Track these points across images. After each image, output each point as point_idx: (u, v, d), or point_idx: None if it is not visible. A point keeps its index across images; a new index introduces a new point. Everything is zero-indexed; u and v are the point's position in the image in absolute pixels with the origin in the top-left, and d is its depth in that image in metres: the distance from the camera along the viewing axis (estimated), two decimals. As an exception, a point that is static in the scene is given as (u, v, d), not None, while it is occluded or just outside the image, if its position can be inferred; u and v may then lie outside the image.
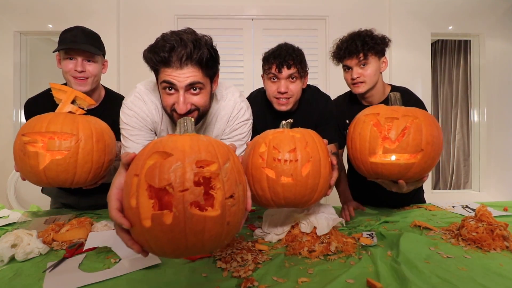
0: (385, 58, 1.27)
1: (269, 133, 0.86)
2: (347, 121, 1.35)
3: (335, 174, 0.88)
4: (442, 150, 0.87)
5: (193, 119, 0.63)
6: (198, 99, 0.92)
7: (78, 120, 0.88)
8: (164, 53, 0.84)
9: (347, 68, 1.27)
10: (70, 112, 0.93)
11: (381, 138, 0.86)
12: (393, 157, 0.85)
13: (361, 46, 1.19)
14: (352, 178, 1.43)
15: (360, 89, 1.24)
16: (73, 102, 0.95)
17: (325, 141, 0.91)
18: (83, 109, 0.98)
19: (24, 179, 0.90)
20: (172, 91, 0.90)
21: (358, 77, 1.22)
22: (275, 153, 0.80)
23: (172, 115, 0.95)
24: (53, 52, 1.23)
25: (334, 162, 0.88)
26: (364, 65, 1.22)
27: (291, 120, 0.91)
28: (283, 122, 0.91)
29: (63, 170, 0.82)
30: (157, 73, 0.92)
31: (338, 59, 1.28)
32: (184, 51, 0.84)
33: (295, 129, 0.88)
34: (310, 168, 0.80)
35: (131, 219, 0.49)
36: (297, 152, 0.80)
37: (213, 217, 0.49)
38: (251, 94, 1.40)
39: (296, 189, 0.80)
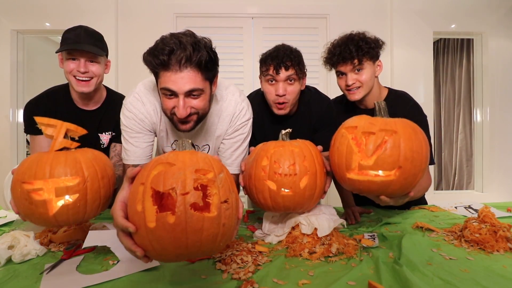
0: (380, 61, 1.22)
1: (271, 147, 0.92)
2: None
3: (328, 181, 0.96)
4: (427, 165, 0.81)
5: (190, 141, 0.70)
6: (197, 103, 0.92)
7: (80, 159, 0.83)
8: (163, 56, 0.84)
9: (340, 74, 1.22)
10: (64, 147, 0.88)
11: (358, 153, 0.80)
12: (369, 174, 0.79)
13: (355, 51, 1.13)
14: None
15: (356, 95, 1.20)
16: (65, 135, 0.89)
17: (320, 147, 0.98)
18: (75, 140, 0.92)
19: (25, 220, 0.86)
20: (172, 96, 0.90)
21: (353, 83, 1.17)
22: (276, 167, 0.88)
23: (172, 118, 0.95)
24: (56, 52, 1.21)
25: (328, 168, 0.94)
26: (359, 70, 1.17)
27: (290, 130, 0.98)
28: (283, 132, 0.97)
29: (74, 213, 0.81)
30: (157, 76, 0.92)
31: (331, 65, 1.23)
32: (183, 54, 0.84)
33: (293, 142, 0.94)
34: (307, 181, 0.88)
35: (137, 223, 0.55)
36: (296, 166, 0.88)
37: (211, 217, 0.56)
38: (249, 96, 1.37)
39: (294, 199, 0.88)
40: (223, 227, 0.58)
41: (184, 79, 0.86)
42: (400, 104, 1.18)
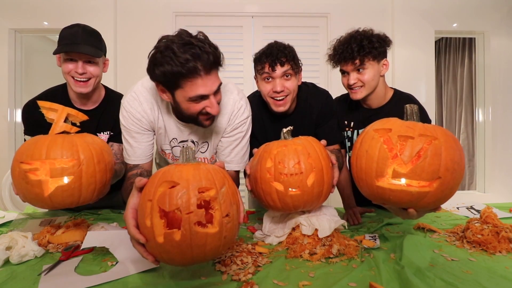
0: (386, 60, 1.19)
1: (273, 147, 0.91)
2: (346, 122, 1.33)
3: (336, 174, 0.94)
4: (462, 178, 0.74)
5: (194, 148, 0.73)
6: (220, 96, 0.97)
7: (76, 142, 0.85)
8: (190, 63, 0.83)
9: (343, 72, 1.21)
10: (64, 131, 0.90)
11: (391, 159, 0.72)
12: (404, 183, 0.71)
13: (357, 50, 1.11)
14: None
15: (358, 95, 1.18)
16: (65, 120, 0.92)
17: (323, 141, 0.96)
18: (76, 125, 0.95)
19: (24, 201, 0.88)
20: (201, 99, 0.92)
21: (355, 82, 1.16)
22: (281, 168, 0.86)
23: (197, 118, 0.97)
24: (53, 54, 1.20)
25: (334, 161, 0.93)
26: (360, 70, 1.15)
27: (291, 128, 0.97)
28: (284, 130, 0.96)
29: (69, 195, 0.83)
30: (175, 86, 0.89)
31: (334, 63, 1.22)
32: (209, 57, 0.85)
33: (296, 140, 0.92)
34: (314, 178, 0.86)
35: (147, 236, 0.61)
36: (301, 164, 0.86)
37: (213, 233, 0.61)
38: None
39: (303, 198, 0.87)
40: (225, 239, 0.64)
41: (211, 80, 0.89)
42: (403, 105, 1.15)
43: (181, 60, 0.82)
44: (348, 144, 1.33)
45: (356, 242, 0.88)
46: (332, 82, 2.71)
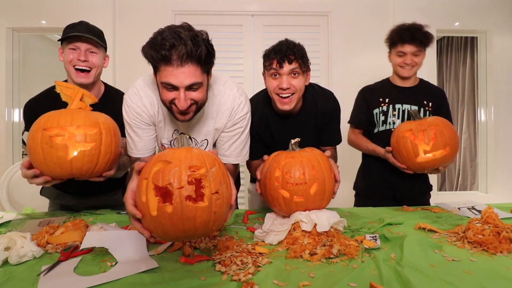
0: (425, 53, 1.49)
1: (282, 158, 1.03)
2: (381, 99, 1.53)
3: (337, 185, 1.07)
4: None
5: (188, 136, 0.78)
6: (197, 95, 0.96)
7: (96, 115, 0.94)
8: (164, 51, 0.85)
9: (402, 54, 1.46)
10: (80, 108, 0.97)
11: (418, 145, 1.23)
12: (431, 155, 1.23)
13: (424, 39, 1.42)
14: (366, 170, 1.63)
15: (407, 72, 1.47)
16: (80, 99, 0.99)
17: (328, 153, 1.06)
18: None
19: (35, 168, 0.89)
20: (172, 89, 0.92)
21: (410, 63, 1.45)
22: (288, 177, 0.99)
23: (171, 108, 0.98)
24: (58, 41, 1.25)
25: (338, 179, 1.06)
26: (417, 54, 1.45)
27: (299, 140, 1.07)
28: (292, 141, 1.07)
29: (89, 161, 0.89)
30: (156, 69, 0.93)
31: (398, 39, 1.45)
32: (184, 50, 0.86)
33: (302, 152, 1.03)
34: (317, 187, 0.99)
35: (142, 211, 0.68)
36: (306, 175, 0.98)
37: (203, 207, 0.67)
38: (253, 98, 1.36)
39: (307, 204, 0.99)
40: (214, 214, 0.69)
41: (185, 73, 0.89)
42: (430, 88, 1.57)
43: (160, 45, 0.86)
44: (382, 118, 1.54)
45: (356, 242, 0.87)
46: (333, 82, 2.70)
